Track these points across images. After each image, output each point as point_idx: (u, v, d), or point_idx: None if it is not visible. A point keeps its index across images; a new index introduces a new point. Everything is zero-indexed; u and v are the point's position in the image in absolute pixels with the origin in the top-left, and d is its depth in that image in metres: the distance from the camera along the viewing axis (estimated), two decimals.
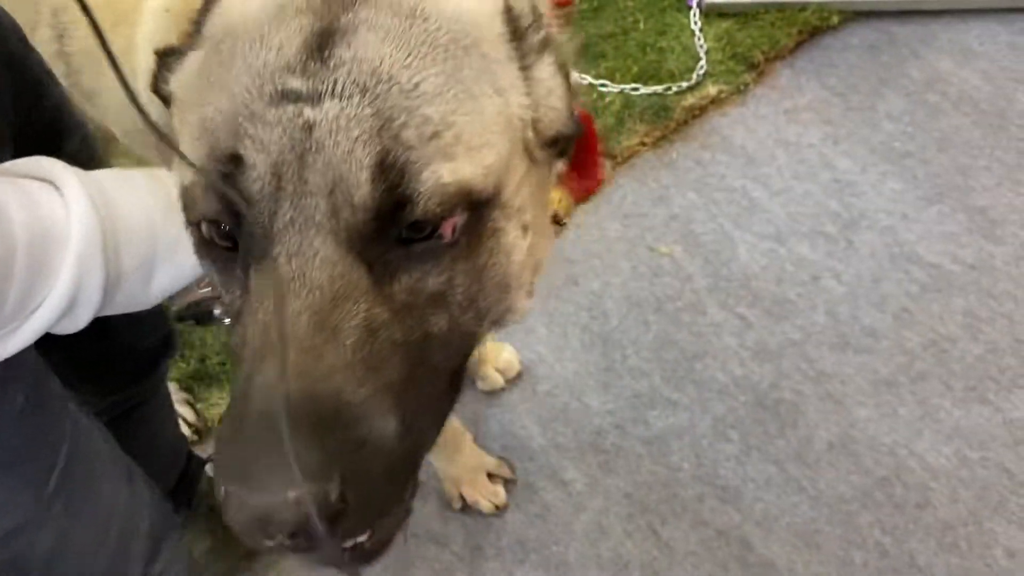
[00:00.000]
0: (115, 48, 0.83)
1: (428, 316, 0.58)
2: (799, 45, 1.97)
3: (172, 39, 0.75)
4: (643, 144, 1.83)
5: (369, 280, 0.55)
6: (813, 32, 1.98)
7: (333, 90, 0.53)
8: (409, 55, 0.55)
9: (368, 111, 0.53)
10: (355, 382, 0.52)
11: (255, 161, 0.53)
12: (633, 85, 1.86)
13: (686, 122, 1.86)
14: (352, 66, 0.54)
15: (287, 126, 0.53)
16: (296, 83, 0.54)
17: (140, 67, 0.78)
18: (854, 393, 1.52)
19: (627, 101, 1.85)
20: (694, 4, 1.97)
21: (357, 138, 0.53)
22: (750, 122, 1.87)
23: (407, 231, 0.55)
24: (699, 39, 1.93)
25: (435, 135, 0.54)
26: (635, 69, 1.89)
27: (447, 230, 0.56)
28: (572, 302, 1.65)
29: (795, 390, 1.53)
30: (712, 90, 1.88)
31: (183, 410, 1.47)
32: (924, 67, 1.94)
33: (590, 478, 1.44)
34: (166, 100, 0.65)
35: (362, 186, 0.53)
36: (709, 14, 1.97)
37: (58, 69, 0.90)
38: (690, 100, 1.87)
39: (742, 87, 1.90)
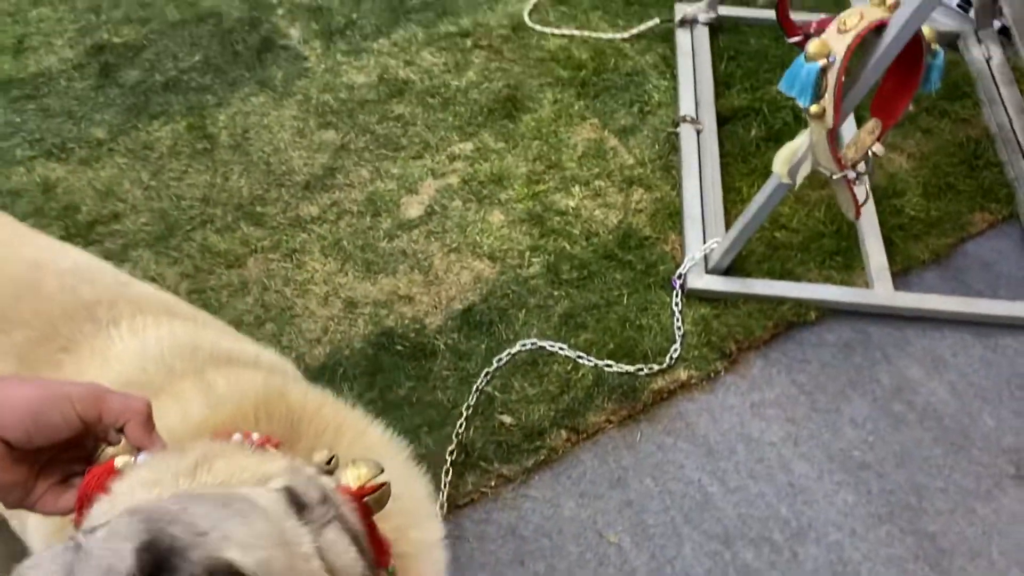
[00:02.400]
0: None
1: None
2: (775, 336, 2.05)
3: None
4: (609, 422, 1.91)
5: None
6: (790, 325, 2.06)
7: None
8: (183, 499, 0.63)
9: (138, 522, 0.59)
10: None
11: None
12: (607, 362, 1.96)
13: (654, 403, 1.94)
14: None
15: None
16: None
17: None
18: None
19: (599, 377, 1.95)
20: (677, 286, 2.09)
21: (125, 536, 0.58)
22: (716, 411, 1.94)
23: None
24: (678, 321, 2.03)
25: (203, 533, 0.60)
26: (611, 345, 2.00)
27: None
28: None
29: None
30: (683, 375, 1.96)
31: None
32: (894, 373, 2.00)
33: None
34: None
35: (126, 558, 0.57)
36: (690, 297, 2.08)
37: None
38: (660, 383, 1.95)
39: (713, 374, 1.98)
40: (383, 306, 2.06)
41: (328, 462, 0.75)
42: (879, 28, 1.61)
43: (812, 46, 1.61)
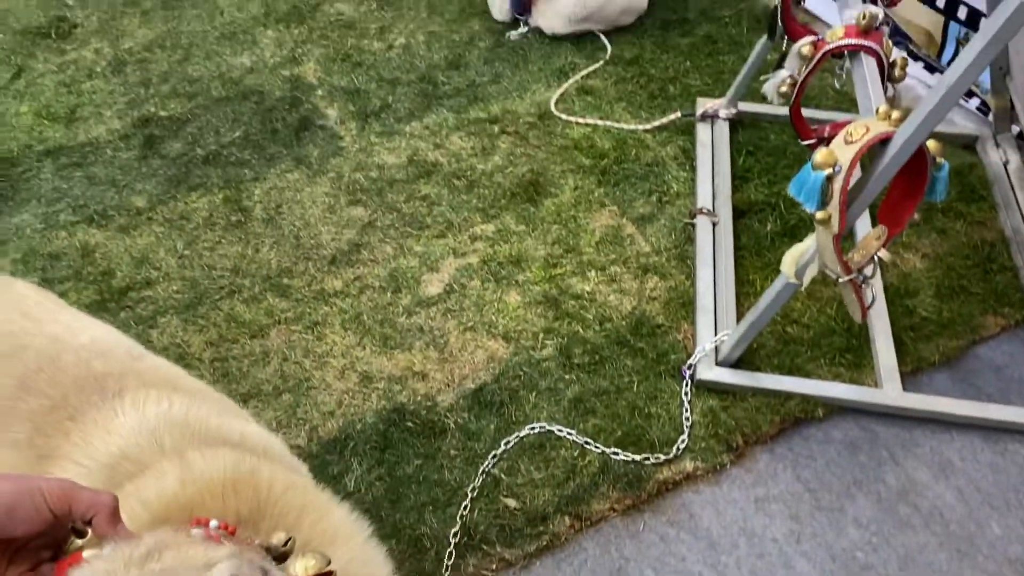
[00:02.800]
0: None
1: None
2: (781, 431, 2.07)
3: None
4: (613, 510, 1.92)
5: None
6: (797, 421, 2.08)
7: None
8: None
9: None
10: None
11: None
12: (614, 449, 1.99)
13: (659, 493, 1.96)
14: None
15: None
16: None
17: None
18: None
19: (605, 464, 1.97)
20: (687, 376, 2.12)
21: None
22: (720, 504, 1.95)
23: None
24: (686, 411, 2.06)
25: None
26: (619, 432, 2.02)
27: None
28: None
29: None
30: (689, 466, 1.98)
31: None
32: (900, 474, 2.00)
33: None
34: None
35: None
36: (700, 388, 2.11)
37: None
38: (666, 473, 1.97)
39: (719, 466, 2.00)
40: (397, 382, 2.11)
41: (285, 543, 0.81)
42: (885, 140, 1.67)
43: (818, 155, 1.68)
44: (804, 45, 2.04)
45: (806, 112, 2.51)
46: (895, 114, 1.67)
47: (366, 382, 2.12)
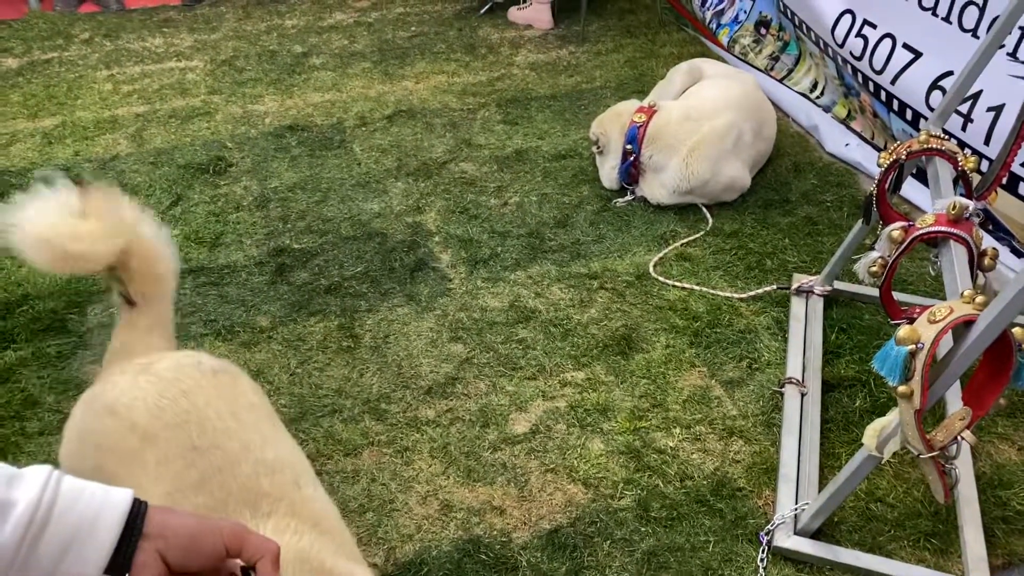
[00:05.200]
0: None
1: None
2: None
3: None
4: None
5: None
6: None
7: None
8: None
9: None
10: None
11: None
12: None
13: None
14: None
15: None
16: None
17: None
18: None
19: None
20: (764, 541, 2.11)
21: None
22: None
23: None
24: None
25: None
26: None
27: None
28: None
29: None
30: None
31: None
32: None
33: None
34: None
35: None
36: (776, 555, 2.09)
37: None
38: None
39: None
40: (476, 514, 2.18)
41: None
42: (969, 322, 1.72)
43: (902, 331, 1.73)
44: (895, 229, 2.14)
45: (901, 297, 2.57)
46: (979, 298, 1.73)
47: (446, 510, 2.19)
